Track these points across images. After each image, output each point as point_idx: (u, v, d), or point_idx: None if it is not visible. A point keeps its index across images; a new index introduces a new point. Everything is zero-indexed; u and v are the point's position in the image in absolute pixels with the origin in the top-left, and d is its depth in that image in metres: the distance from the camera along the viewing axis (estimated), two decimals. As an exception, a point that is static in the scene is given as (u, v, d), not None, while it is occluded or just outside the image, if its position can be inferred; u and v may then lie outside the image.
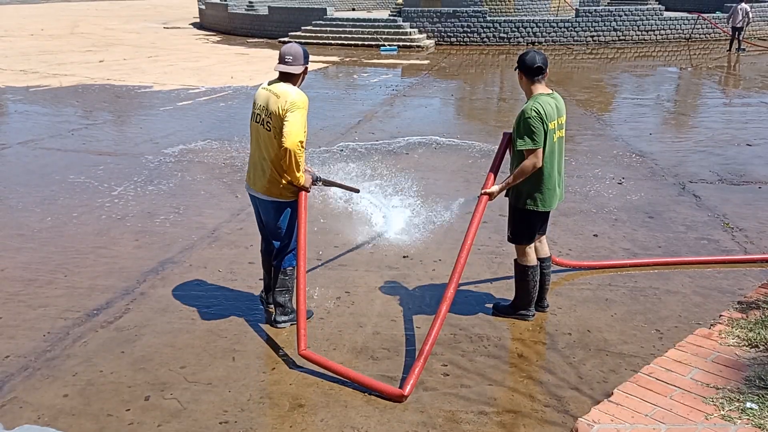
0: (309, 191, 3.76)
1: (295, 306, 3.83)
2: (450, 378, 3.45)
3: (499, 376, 3.47)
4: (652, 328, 3.94)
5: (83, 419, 3.12)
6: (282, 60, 3.64)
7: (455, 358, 3.64)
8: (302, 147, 3.53)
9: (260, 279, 4.31)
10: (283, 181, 3.65)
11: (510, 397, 3.29)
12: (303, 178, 3.65)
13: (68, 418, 3.13)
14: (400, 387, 3.28)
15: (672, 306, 4.21)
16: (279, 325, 3.95)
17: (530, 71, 3.67)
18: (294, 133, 3.45)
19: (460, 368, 3.54)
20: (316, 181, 3.86)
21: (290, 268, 3.88)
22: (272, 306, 4.04)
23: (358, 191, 4.97)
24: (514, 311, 4.07)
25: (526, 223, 3.86)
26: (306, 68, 3.71)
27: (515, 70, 3.80)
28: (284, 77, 3.66)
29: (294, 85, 3.66)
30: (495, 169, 3.84)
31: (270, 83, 3.72)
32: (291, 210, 3.77)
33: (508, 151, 3.88)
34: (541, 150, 3.61)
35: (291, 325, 3.94)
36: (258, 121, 3.68)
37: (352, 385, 3.38)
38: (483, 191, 3.78)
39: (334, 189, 5.64)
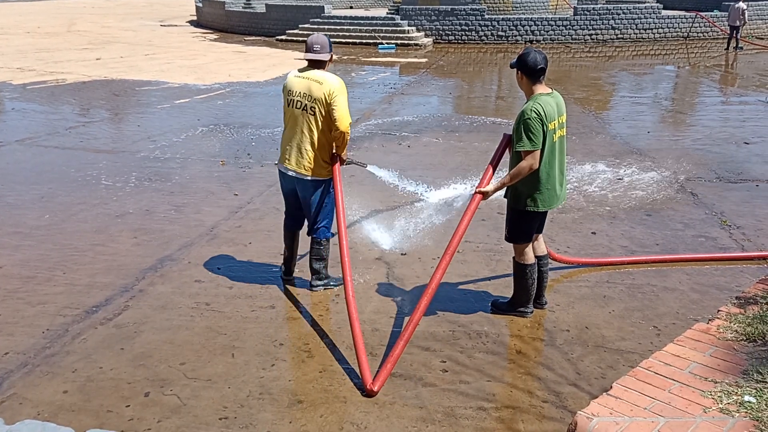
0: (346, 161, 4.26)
1: (328, 273, 4.40)
2: (449, 374, 3.46)
3: (497, 372, 3.48)
4: (649, 324, 3.95)
5: (83, 415, 3.12)
6: (311, 49, 4.02)
7: (454, 354, 3.65)
8: (351, 126, 4.06)
9: (260, 275, 4.31)
10: (322, 161, 4.08)
11: (509, 393, 3.30)
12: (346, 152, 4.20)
13: (68, 414, 3.13)
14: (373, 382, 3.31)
15: (670, 303, 4.22)
16: (314, 289, 4.36)
17: (533, 73, 3.63)
18: (345, 117, 3.94)
19: (459, 364, 3.55)
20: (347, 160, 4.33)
21: (325, 239, 4.28)
22: (292, 279, 4.50)
23: (365, 166, 5.29)
24: (513, 308, 4.08)
25: (524, 223, 3.85)
26: (332, 55, 4.11)
27: (512, 68, 3.76)
28: (314, 65, 4.04)
29: (325, 70, 4.05)
30: (492, 168, 3.83)
31: (302, 71, 4.07)
32: (326, 186, 4.18)
33: (507, 150, 3.87)
34: (538, 152, 3.59)
35: (325, 289, 4.37)
36: (299, 107, 4.02)
37: (351, 375, 3.39)
38: (477, 190, 3.77)
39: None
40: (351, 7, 29.88)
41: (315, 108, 3.95)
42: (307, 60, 4.03)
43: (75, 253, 5.01)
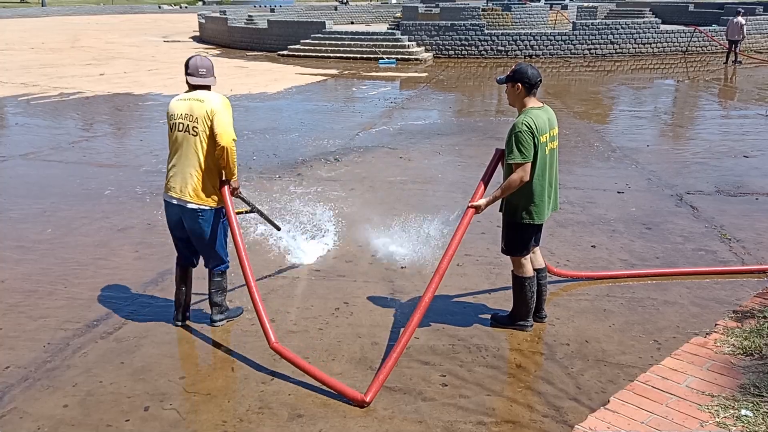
0: (237, 193, 4.00)
1: (229, 305, 4.20)
2: (449, 388, 3.46)
3: (497, 387, 3.48)
4: (650, 338, 3.95)
5: (83, 430, 3.13)
6: (196, 73, 3.86)
7: (454, 368, 3.65)
8: (235, 144, 3.82)
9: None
10: (210, 187, 3.84)
11: (509, 408, 3.30)
12: (236, 175, 3.92)
13: (68, 428, 3.14)
14: (363, 393, 3.32)
15: (670, 316, 4.22)
16: (216, 324, 4.12)
17: (533, 86, 3.72)
18: (227, 131, 3.73)
19: (459, 378, 3.55)
20: (239, 192, 4.08)
21: (223, 271, 4.10)
22: (181, 323, 4.15)
23: (279, 228, 4.98)
24: (513, 322, 4.08)
25: (521, 235, 3.88)
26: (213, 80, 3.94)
27: (501, 83, 3.81)
28: (198, 87, 3.89)
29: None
30: (485, 182, 3.86)
31: (185, 94, 3.91)
32: (215, 216, 3.92)
33: (500, 164, 3.91)
34: (529, 164, 3.64)
35: (228, 321, 4.17)
36: (182, 129, 3.85)
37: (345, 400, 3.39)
38: (470, 204, 3.81)
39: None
40: (352, 23, 30.14)
41: (198, 128, 3.74)
42: (191, 84, 3.86)
43: (77, 267, 5.03)
